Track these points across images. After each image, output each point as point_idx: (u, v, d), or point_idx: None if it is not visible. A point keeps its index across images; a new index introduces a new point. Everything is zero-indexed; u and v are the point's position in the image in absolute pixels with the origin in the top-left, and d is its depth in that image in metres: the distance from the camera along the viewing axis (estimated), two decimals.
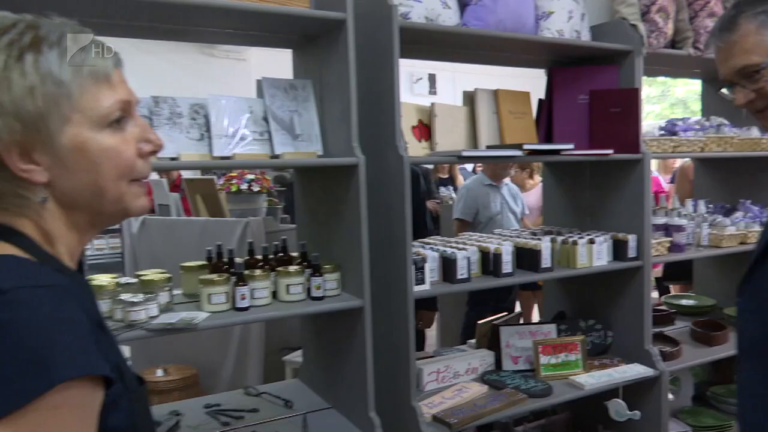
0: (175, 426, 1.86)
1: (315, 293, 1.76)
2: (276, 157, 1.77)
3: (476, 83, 2.43)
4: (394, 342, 1.87)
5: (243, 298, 1.66)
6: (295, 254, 1.95)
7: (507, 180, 3.89)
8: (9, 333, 0.61)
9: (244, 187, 3.86)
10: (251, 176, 3.87)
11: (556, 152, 2.09)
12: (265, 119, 1.81)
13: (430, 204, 4.03)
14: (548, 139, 2.34)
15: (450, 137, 2.08)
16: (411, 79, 9.00)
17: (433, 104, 2.04)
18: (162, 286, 1.68)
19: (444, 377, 2.12)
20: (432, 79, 9.34)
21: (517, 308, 4.24)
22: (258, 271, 1.74)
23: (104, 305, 1.58)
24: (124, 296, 1.57)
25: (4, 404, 0.59)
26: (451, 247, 2.04)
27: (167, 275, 1.72)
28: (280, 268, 1.78)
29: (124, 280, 1.73)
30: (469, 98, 2.19)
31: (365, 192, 1.75)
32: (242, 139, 1.76)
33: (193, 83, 5.94)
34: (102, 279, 1.67)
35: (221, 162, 1.72)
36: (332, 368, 1.99)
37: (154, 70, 5.92)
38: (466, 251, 1.97)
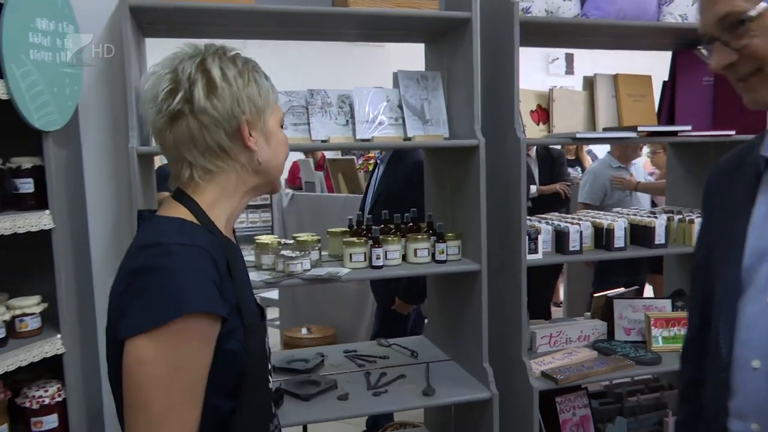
0: (320, 363, 2.24)
1: (438, 257, 2.03)
2: (408, 139, 2.06)
3: (616, 62, 2.53)
4: (508, 303, 2.10)
5: (378, 258, 1.97)
6: (423, 224, 2.23)
7: (636, 161, 3.88)
8: (159, 274, 0.88)
9: None
10: None
11: (673, 134, 2.17)
12: (400, 107, 2.09)
13: (559, 186, 4.10)
14: (671, 120, 2.41)
15: (568, 120, 2.24)
16: (546, 59, 8.90)
17: (551, 89, 2.21)
18: (313, 246, 2.04)
19: (556, 341, 2.31)
20: (569, 58, 9.16)
21: (648, 291, 4.22)
22: (391, 237, 2.04)
23: (268, 259, 1.98)
24: (285, 252, 1.95)
25: (148, 322, 0.86)
26: (567, 222, 2.22)
27: (317, 237, 2.08)
28: (409, 235, 2.07)
29: (284, 240, 2.12)
30: (589, 83, 2.33)
31: (485, 169, 1.98)
32: (380, 124, 2.06)
33: (337, 69, 6.42)
34: (267, 239, 2.07)
35: (363, 144, 2.04)
36: (452, 326, 2.26)
37: (305, 57, 6.50)
38: (578, 226, 2.14)
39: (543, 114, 2.22)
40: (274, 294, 4.59)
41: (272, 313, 4.79)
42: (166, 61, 1.02)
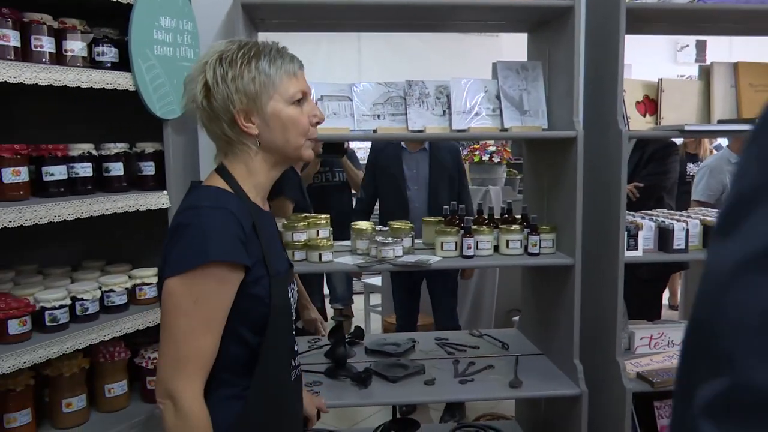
0: (411, 348, 2.30)
1: (531, 249, 2.01)
2: (504, 130, 2.05)
3: (755, 48, 2.33)
4: (604, 300, 2.03)
5: (469, 248, 1.99)
6: (518, 216, 2.21)
7: None
8: (191, 229, 1.08)
9: (486, 158, 4.18)
10: (492, 148, 4.18)
11: None
12: (498, 97, 2.08)
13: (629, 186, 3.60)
14: None
15: (678, 112, 2.12)
16: (675, 47, 8.30)
17: (660, 80, 2.10)
18: (406, 233, 2.09)
19: (657, 343, 2.21)
20: (701, 46, 8.50)
21: None
22: (484, 227, 2.05)
23: (363, 244, 2.05)
24: (378, 238, 2.01)
25: (179, 266, 1.06)
26: (673, 219, 2.11)
27: (411, 225, 2.13)
28: (503, 226, 2.07)
29: (379, 227, 2.19)
30: (705, 72, 2.19)
31: (582, 162, 1.93)
32: (477, 114, 2.06)
33: (448, 60, 6.41)
34: (363, 224, 2.15)
35: (458, 134, 2.05)
36: (545, 320, 2.23)
37: (418, 48, 6.56)
38: (685, 223, 2.03)
39: (651, 105, 2.12)
40: (377, 280, 4.71)
41: (374, 299, 4.92)
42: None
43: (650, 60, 6.80)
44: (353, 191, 3.93)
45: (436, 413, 3.40)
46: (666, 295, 5.38)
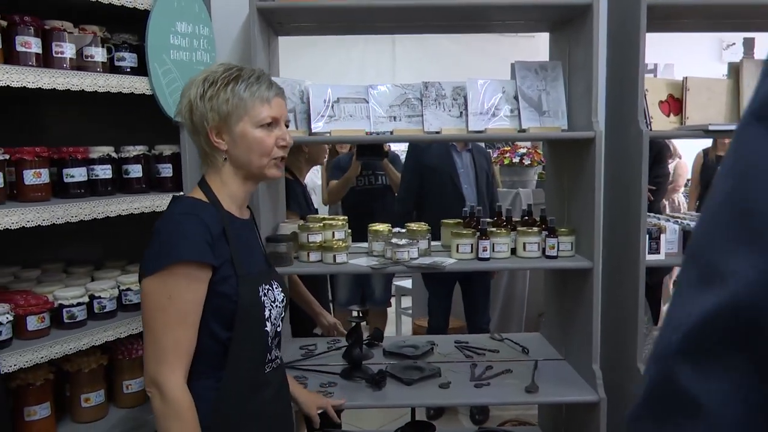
0: (430, 351, 2.28)
1: (549, 252, 1.97)
2: (523, 131, 2.02)
3: None
4: (624, 305, 1.98)
5: (484, 250, 1.96)
6: (538, 218, 2.17)
7: None
8: (162, 235, 1.22)
9: (516, 160, 4.13)
10: (523, 150, 4.12)
11: None
12: (516, 98, 2.06)
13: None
14: None
15: (705, 111, 2.05)
16: (720, 45, 8.04)
17: (685, 78, 2.03)
18: (423, 236, 2.08)
19: None
20: (748, 43, 8.19)
21: None
22: (501, 230, 2.02)
23: (379, 246, 2.05)
24: (394, 240, 2.01)
25: (152, 267, 1.19)
26: None
27: (427, 227, 2.11)
28: (520, 228, 2.04)
29: (396, 229, 2.18)
30: (735, 70, 2.11)
31: (602, 163, 1.89)
32: (494, 115, 2.04)
33: (483, 62, 6.35)
34: (380, 226, 2.15)
35: (475, 135, 2.03)
36: (566, 324, 2.18)
37: (450, 51, 6.54)
38: None
39: (675, 105, 2.05)
40: (407, 283, 4.70)
41: (405, 302, 4.92)
42: None
43: (694, 59, 6.58)
44: (396, 194, 3.94)
45: (465, 417, 3.37)
46: None
